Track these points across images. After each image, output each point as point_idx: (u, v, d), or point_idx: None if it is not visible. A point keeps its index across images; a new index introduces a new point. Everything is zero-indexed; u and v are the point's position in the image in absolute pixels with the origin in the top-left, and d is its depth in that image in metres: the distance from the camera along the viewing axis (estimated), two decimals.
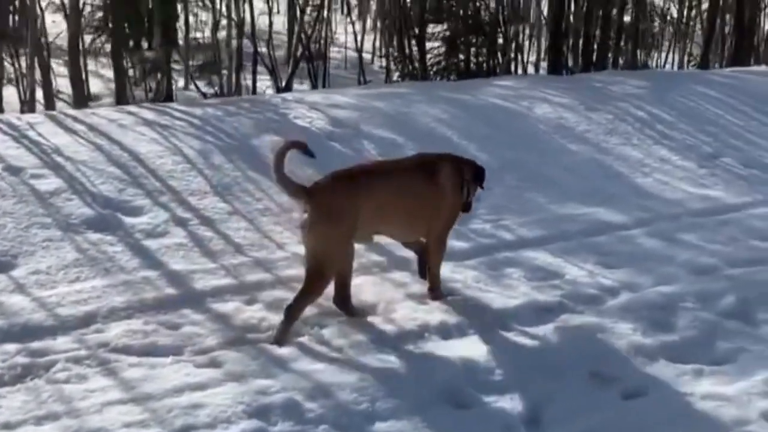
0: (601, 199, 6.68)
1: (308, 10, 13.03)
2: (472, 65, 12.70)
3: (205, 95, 10.37)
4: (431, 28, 12.83)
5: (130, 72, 10.75)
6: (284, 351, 4.21)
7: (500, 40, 12.05)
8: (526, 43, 14.73)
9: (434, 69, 11.71)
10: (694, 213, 6.62)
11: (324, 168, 6.41)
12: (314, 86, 11.89)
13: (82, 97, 8.00)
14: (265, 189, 6.03)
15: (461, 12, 12.00)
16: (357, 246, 4.71)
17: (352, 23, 15.07)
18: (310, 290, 4.42)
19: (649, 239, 6.03)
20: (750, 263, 5.69)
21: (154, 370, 3.98)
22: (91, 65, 13.13)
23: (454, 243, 5.28)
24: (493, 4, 12.56)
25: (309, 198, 4.42)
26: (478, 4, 12.41)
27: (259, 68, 12.29)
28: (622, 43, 14.63)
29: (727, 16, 14.85)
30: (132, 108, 7.51)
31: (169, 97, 9.45)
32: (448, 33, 12.04)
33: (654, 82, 10.17)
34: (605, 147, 7.85)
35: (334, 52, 18.13)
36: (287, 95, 8.37)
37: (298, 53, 10.92)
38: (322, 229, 4.39)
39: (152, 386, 3.84)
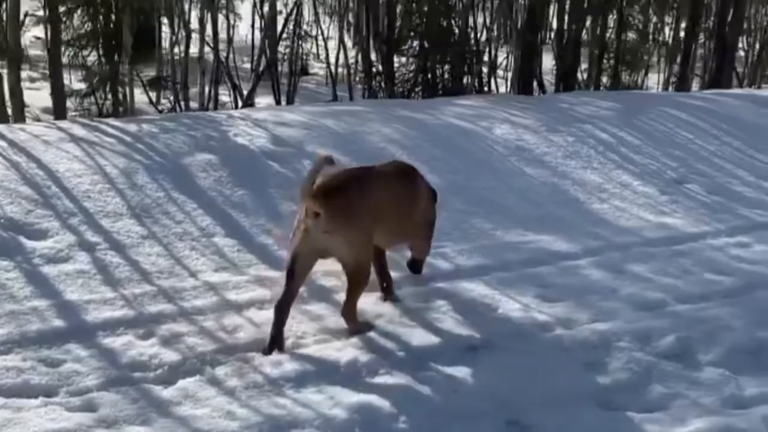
0: (551, 226, 6.33)
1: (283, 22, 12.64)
2: (445, 82, 12.36)
3: (158, 109, 10.03)
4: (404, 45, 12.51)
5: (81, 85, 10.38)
6: (169, 393, 3.85)
7: (472, 58, 11.72)
8: (504, 61, 14.43)
9: (403, 86, 11.39)
10: (648, 242, 6.25)
11: (258, 189, 6.14)
12: (277, 102, 11.53)
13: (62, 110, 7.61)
14: (189, 211, 5.69)
15: (431, 28, 11.66)
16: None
17: (325, 41, 14.64)
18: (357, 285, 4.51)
19: (595, 270, 5.67)
20: (699, 298, 5.33)
21: (19, 413, 3.62)
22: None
23: None
24: (466, 22, 12.24)
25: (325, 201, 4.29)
26: (451, 20, 12.08)
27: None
28: (604, 62, 14.35)
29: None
30: (64, 123, 7.17)
31: (116, 112, 9.10)
32: (418, 49, 11.70)
33: (624, 103, 9.84)
34: (563, 170, 7.50)
35: (317, 68, 17.90)
36: (234, 112, 8.03)
37: (260, 68, 10.54)
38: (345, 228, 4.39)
39: None
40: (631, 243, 6.21)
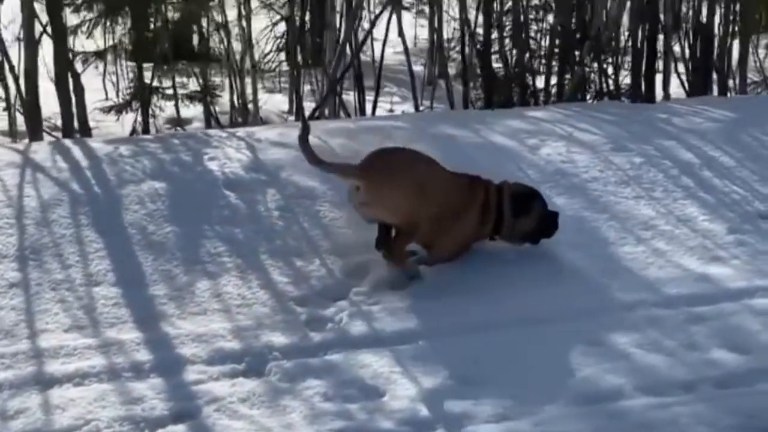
0: (541, 278, 5.05)
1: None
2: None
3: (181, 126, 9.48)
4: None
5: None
6: None
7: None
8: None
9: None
10: (664, 302, 4.82)
11: (193, 225, 5.36)
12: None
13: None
14: (89, 252, 4.98)
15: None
16: None
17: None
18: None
19: (561, 342, 4.38)
20: (676, 388, 3.95)
21: None
22: None
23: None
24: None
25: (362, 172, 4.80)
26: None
27: None
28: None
29: None
30: (20, 145, 6.72)
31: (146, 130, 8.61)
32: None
33: (745, 112, 8.11)
34: (606, 201, 6.09)
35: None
36: (240, 130, 7.21)
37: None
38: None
39: None
40: (638, 302, 4.81)
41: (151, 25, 9.68)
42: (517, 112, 8.06)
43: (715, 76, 10.36)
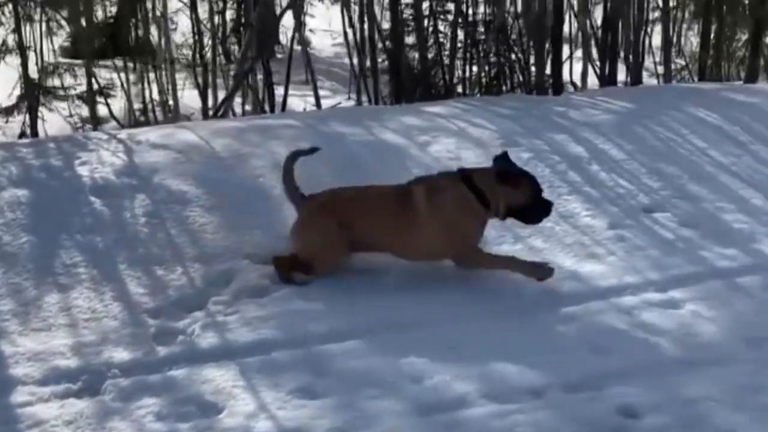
0: (410, 284, 4.92)
1: None
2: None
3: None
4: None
5: None
6: None
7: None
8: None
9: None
10: (530, 304, 4.74)
11: (52, 234, 5.16)
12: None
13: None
14: None
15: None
16: None
17: None
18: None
19: (422, 347, 4.24)
20: (530, 393, 3.86)
21: None
22: None
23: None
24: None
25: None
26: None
27: None
28: None
29: None
30: None
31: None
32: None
33: (643, 102, 8.08)
34: None
35: None
36: (123, 132, 7.00)
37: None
38: None
39: None
40: (506, 307, 4.72)
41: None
42: (414, 108, 7.94)
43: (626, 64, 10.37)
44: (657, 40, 13.45)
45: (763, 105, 8.13)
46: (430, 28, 10.23)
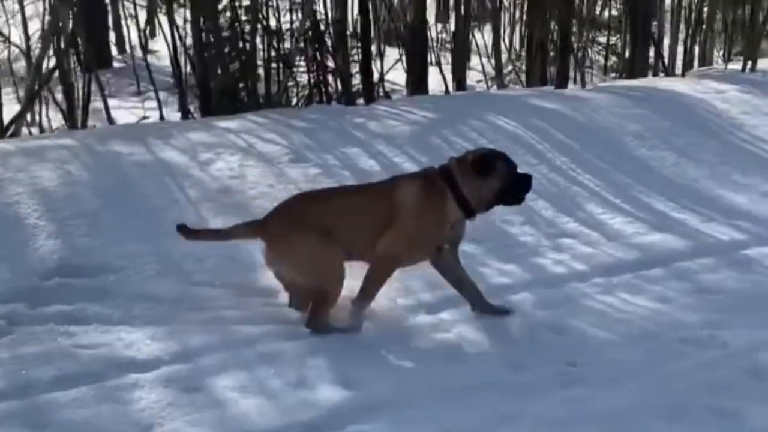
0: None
1: None
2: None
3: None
4: None
5: None
6: None
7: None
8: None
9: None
10: (285, 334, 4.46)
11: None
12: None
13: None
14: None
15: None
16: None
17: None
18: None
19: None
20: None
21: None
22: None
23: None
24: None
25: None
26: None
27: None
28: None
29: None
30: None
31: None
32: None
33: (442, 112, 7.97)
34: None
35: None
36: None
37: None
38: None
39: None
40: (262, 334, 4.42)
41: None
42: (205, 123, 7.58)
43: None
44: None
45: (564, 111, 8.15)
46: (242, 40, 9.86)
